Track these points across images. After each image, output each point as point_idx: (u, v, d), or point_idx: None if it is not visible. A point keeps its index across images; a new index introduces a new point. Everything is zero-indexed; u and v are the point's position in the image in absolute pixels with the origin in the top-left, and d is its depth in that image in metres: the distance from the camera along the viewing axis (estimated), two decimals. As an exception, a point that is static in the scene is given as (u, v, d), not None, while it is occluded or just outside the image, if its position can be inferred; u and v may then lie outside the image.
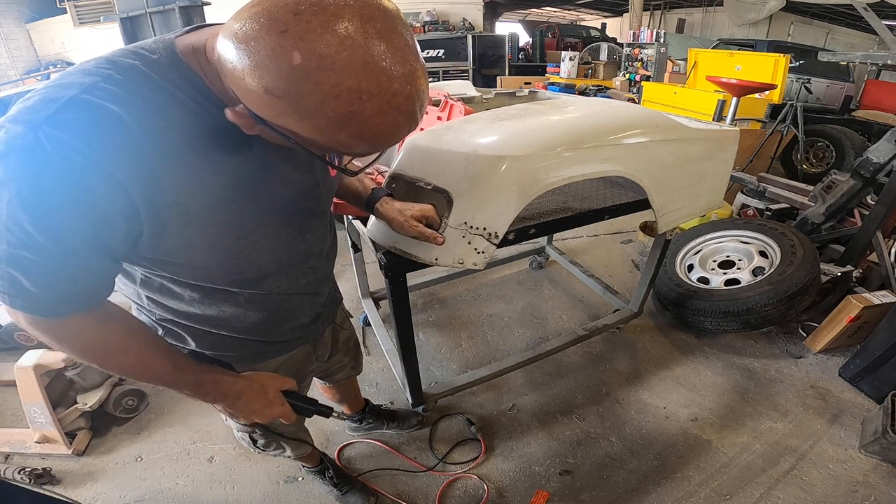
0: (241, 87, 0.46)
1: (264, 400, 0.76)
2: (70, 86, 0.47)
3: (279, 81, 0.43)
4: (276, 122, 0.48)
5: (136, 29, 1.79)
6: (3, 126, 0.46)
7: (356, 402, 1.60)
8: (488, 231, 1.06)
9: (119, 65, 0.50)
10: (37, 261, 0.49)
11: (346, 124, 0.46)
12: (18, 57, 8.03)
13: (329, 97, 0.44)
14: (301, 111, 0.45)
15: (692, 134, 1.41)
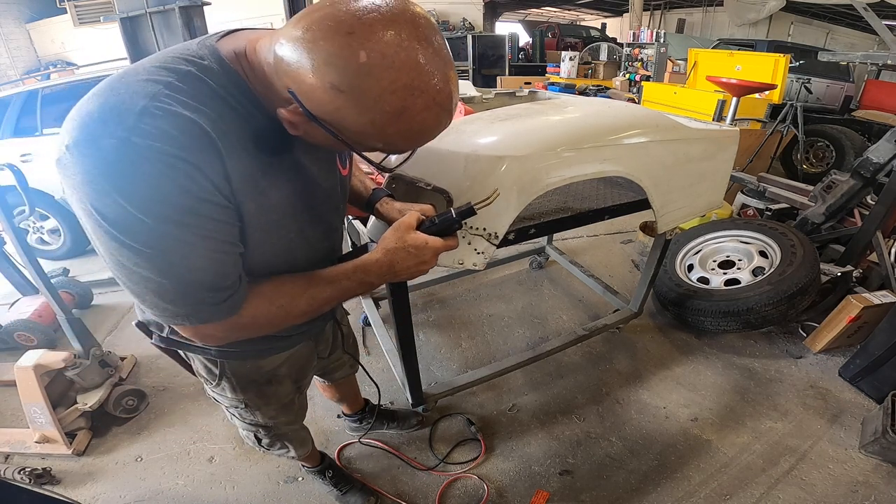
0: (302, 84, 0.49)
1: (411, 254, 0.70)
2: (136, 94, 0.49)
3: (345, 77, 0.47)
4: (330, 118, 0.51)
5: (136, 29, 1.79)
6: (87, 144, 0.47)
7: (356, 402, 1.60)
8: (488, 231, 1.06)
9: (177, 71, 0.52)
10: (202, 271, 0.55)
11: (398, 118, 0.51)
12: (18, 57, 8.03)
13: (387, 92, 0.48)
14: (361, 105, 0.49)
15: (692, 134, 1.41)
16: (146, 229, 0.49)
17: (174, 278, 0.54)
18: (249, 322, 0.63)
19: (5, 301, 2.39)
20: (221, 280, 0.57)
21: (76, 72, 4.85)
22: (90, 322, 2.12)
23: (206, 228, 0.53)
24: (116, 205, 0.48)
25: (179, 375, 2.00)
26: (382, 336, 1.93)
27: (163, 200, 0.49)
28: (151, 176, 0.48)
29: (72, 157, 0.48)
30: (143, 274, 0.52)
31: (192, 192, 0.51)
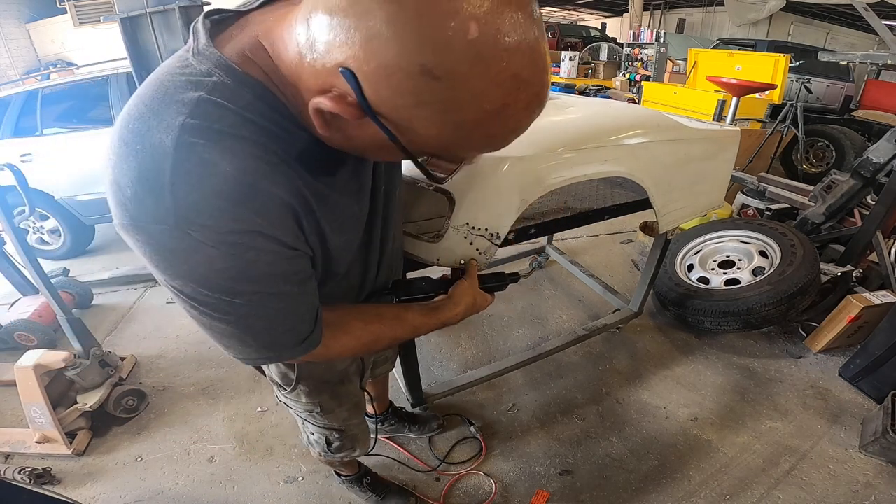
0: (369, 63, 0.35)
1: (477, 306, 0.84)
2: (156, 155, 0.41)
3: (446, 58, 0.34)
4: (396, 115, 0.39)
5: (136, 29, 1.79)
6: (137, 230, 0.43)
7: (382, 403, 1.60)
8: (490, 232, 1.06)
9: (186, 103, 0.41)
10: (283, 326, 0.55)
11: (492, 119, 0.38)
12: (18, 57, 8.03)
13: (493, 84, 0.36)
14: (456, 99, 0.36)
15: (693, 134, 1.41)
16: (222, 304, 0.48)
17: (254, 337, 0.54)
18: (334, 355, 0.65)
19: (5, 301, 2.39)
20: (303, 325, 0.57)
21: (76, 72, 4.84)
22: (90, 322, 2.12)
23: (281, 289, 0.51)
24: (187, 286, 0.47)
25: (179, 375, 2.00)
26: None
27: (234, 278, 0.47)
28: (215, 260, 0.44)
29: (130, 238, 0.45)
30: (224, 333, 0.52)
31: (262, 258, 0.47)
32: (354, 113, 0.39)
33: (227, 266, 0.45)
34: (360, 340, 0.66)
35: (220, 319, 0.50)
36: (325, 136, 0.45)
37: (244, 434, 1.70)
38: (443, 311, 0.78)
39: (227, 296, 0.48)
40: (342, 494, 1.47)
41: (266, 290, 0.50)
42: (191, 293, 0.47)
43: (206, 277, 0.46)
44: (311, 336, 0.58)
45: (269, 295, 0.50)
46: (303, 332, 0.57)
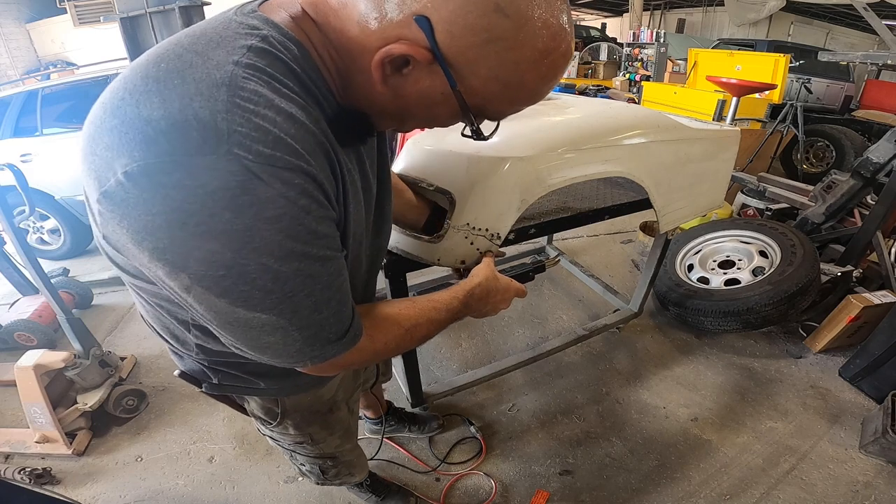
0: (446, 7, 0.40)
1: (500, 289, 0.81)
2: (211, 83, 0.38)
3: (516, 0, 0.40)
4: (462, 60, 0.42)
5: (136, 29, 1.78)
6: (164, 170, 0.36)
7: (380, 407, 1.59)
8: (490, 232, 1.06)
9: (247, 47, 0.41)
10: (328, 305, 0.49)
11: (541, 60, 0.44)
12: (18, 57, 8.03)
13: (544, 27, 0.42)
14: (519, 36, 0.42)
15: (693, 134, 1.41)
16: (265, 275, 0.40)
17: (300, 322, 0.46)
18: (382, 348, 0.60)
19: (5, 301, 2.39)
20: (345, 308, 0.51)
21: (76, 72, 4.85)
22: (90, 322, 2.12)
23: (326, 253, 0.45)
24: (221, 256, 0.38)
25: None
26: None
27: (284, 232, 0.40)
28: (266, 204, 0.38)
29: (137, 190, 0.36)
30: (264, 325, 0.45)
31: (313, 210, 0.42)
32: (425, 56, 0.42)
33: (280, 213, 0.39)
34: (403, 325, 0.62)
35: (260, 303, 0.42)
36: (378, 92, 0.46)
37: (244, 434, 1.70)
38: (464, 284, 0.75)
39: (275, 261, 0.40)
40: (342, 494, 1.47)
41: (315, 252, 0.43)
42: (223, 269, 0.39)
43: (251, 233, 0.38)
44: (353, 323, 0.53)
45: (317, 260, 0.44)
46: (345, 317, 0.51)
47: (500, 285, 0.81)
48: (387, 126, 0.56)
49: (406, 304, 0.66)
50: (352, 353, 0.54)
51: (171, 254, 0.39)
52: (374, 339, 0.58)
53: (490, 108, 0.50)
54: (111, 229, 0.41)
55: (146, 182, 0.36)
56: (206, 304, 0.43)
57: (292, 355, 0.50)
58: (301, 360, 0.51)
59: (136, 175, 0.36)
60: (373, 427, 1.65)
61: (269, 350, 0.49)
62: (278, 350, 0.49)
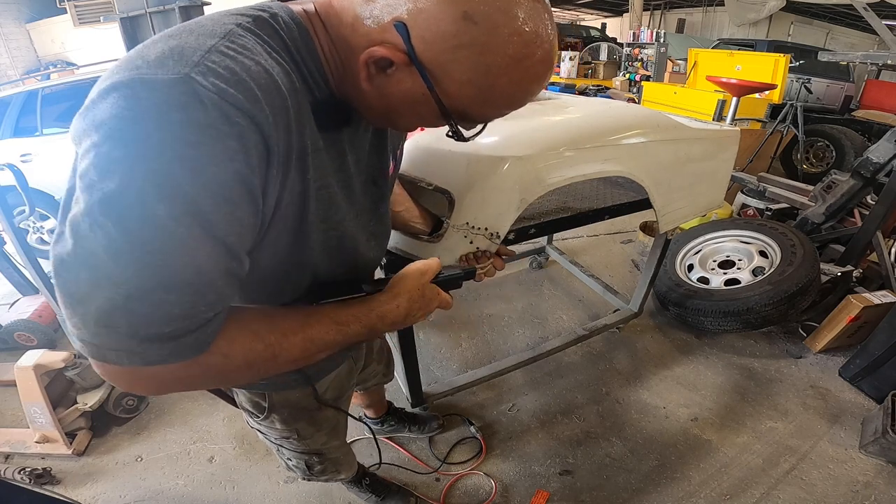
0: (421, 13, 0.43)
1: (424, 302, 0.66)
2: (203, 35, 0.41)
3: (483, 6, 0.43)
4: (437, 62, 0.45)
5: (135, 29, 1.79)
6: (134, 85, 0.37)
7: (380, 406, 1.60)
8: (490, 231, 1.06)
9: (251, 15, 0.46)
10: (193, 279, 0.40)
11: (515, 66, 0.46)
12: (18, 57, 8.04)
13: (515, 34, 0.44)
14: (488, 42, 0.44)
15: (693, 134, 1.41)
16: (140, 207, 0.37)
17: (151, 281, 0.38)
18: (219, 363, 0.46)
19: (5, 301, 2.39)
20: (208, 299, 0.42)
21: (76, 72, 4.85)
22: (90, 322, 2.11)
23: (228, 222, 0.41)
24: (117, 164, 0.36)
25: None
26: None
27: (191, 163, 0.37)
28: (194, 127, 0.37)
29: (106, 99, 0.37)
30: (110, 268, 0.37)
31: (238, 166, 0.40)
32: (401, 58, 0.45)
33: (201, 142, 0.37)
34: (262, 339, 0.50)
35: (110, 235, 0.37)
36: (364, 89, 0.49)
37: (244, 434, 1.70)
38: (376, 304, 0.61)
39: (160, 195, 0.37)
40: (342, 494, 1.47)
41: (209, 211, 0.39)
42: (112, 179, 0.36)
43: (159, 149, 0.36)
44: (205, 327, 0.43)
45: (204, 225, 0.39)
46: (201, 315, 0.42)
47: (425, 300, 0.65)
48: (376, 122, 0.58)
49: (278, 311, 0.55)
50: (188, 365, 0.44)
51: (91, 155, 0.37)
52: (212, 351, 0.45)
53: (471, 111, 0.51)
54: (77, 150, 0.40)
55: (110, 94, 0.38)
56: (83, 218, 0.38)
57: (107, 335, 0.39)
58: (112, 349, 0.40)
59: (106, 90, 0.38)
60: (373, 427, 1.65)
61: (92, 312, 0.38)
62: (86, 315, 0.39)
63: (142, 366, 0.41)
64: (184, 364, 0.43)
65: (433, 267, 0.67)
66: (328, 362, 0.84)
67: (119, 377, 0.43)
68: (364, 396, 1.47)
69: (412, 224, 1.01)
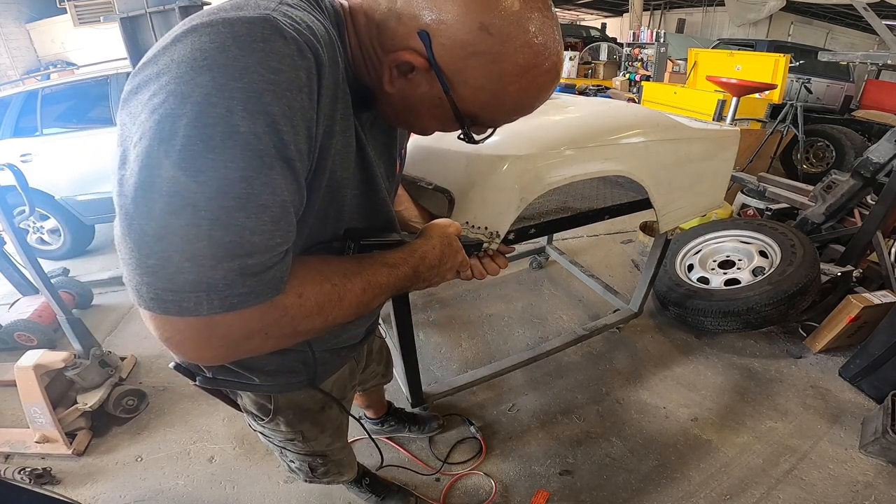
0: (441, 22, 0.47)
1: (452, 251, 0.69)
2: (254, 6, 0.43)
3: (499, 19, 0.46)
4: (454, 68, 0.49)
5: (136, 29, 1.78)
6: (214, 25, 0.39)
7: (380, 407, 1.60)
8: (490, 231, 1.06)
9: None
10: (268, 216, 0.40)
11: (523, 74, 0.50)
12: (18, 57, 8.03)
13: (526, 45, 0.48)
14: (501, 52, 0.48)
15: (693, 134, 1.41)
16: (222, 124, 0.37)
17: (220, 211, 0.37)
18: (294, 305, 0.46)
19: (5, 301, 2.39)
20: (278, 234, 0.42)
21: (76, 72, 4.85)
22: (90, 322, 2.12)
23: (296, 146, 0.42)
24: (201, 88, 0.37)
25: (179, 375, 1.99)
26: (385, 335, 1.93)
27: (273, 87, 0.39)
28: (275, 55, 0.39)
29: (184, 40, 0.39)
30: (175, 195, 0.37)
31: (303, 98, 0.42)
32: (422, 63, 0.49)
33: (281, 68, 0.40)
34: (328, 279, 0.50)
35: (195, 159, 0.37)
36: (387, 91, 0.53)
37: (244, 434, 1.70)
38: (416, 245, 0.64)
39: (244, 113, 0.37)
40: (342, 494, 1.47)
41: (283, 130, 0.40)
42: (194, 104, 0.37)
43: (245, 72, 0.38)
44: (279, 265, 0.43)
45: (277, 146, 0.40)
46: (274, 246, 0.42)
47: (453, 249, 0.69)
48: (393, 121, 0.62)
49: (332, 257, 0.56)
50: (266, 308, 0.43)
51: (161, 94, 0.38)
52: (287, 292, 0.45)
53: (482, 116, 0.55)
54: (127, 100, 0.41)
55: (187, 34, 0.40)
56: (143, 155, 0.37)
57: (183, 268, 0.38)
58: (196, 291, 0.38)
59: (182, 32, 0.40)
60: (373, 427, 1.65)
61: (159, 244, 0.37)
62: (168, 248, 0.37)
63: (221, 312, 0.40)
64: (261, 308, 0.43)
65: (455, 223, 0.73)
66: (333, 362, 0.84)
67: (189, 333, 0.41)
68: (364, 397, 1.48)
69: (412, 224, 1.01)
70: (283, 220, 0.42)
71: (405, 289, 0.62)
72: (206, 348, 0.42)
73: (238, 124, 0.38)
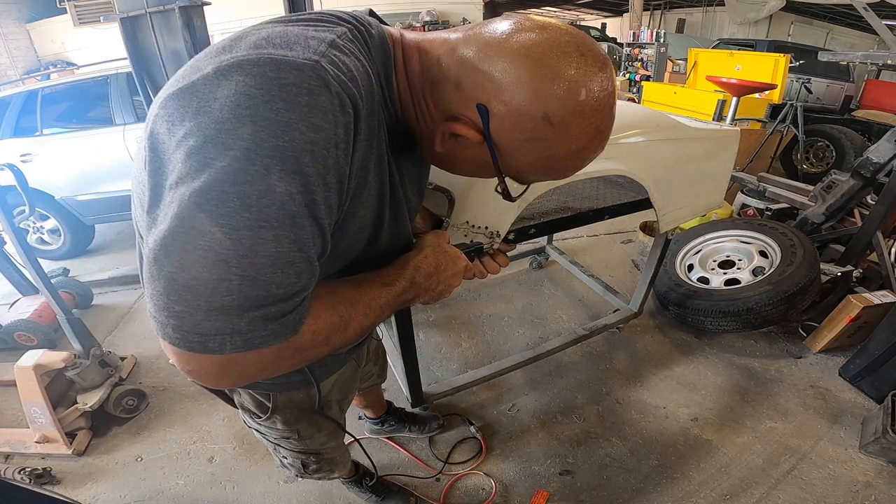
0: (504, 105, 0.47)
1: (449, 259, 0.69)
2: (320, 30, 0.45)
3: (562, 111, 0.46)
4: (506, 144, 0.50)
5: (136, 29, 1.78)
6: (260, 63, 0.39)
7: (379, 406, 1.60)
8: (490, 230, 1.06)
9: (352, 23, 0.49)
10: (288, 267, 0.41)
11: (573, 155, 0.51)
12: (18, 57, 8.03)
13: (582, 132, 0.48)
14: (558, 139, 0.48)
15: (693, 134, 1.41)
16: (259, 182, 0.37)
17: (249, 264, 0.38)
18: (307, 341, 0.48)
19: (5, 301, 2.39)
20: (299, 283, 0.43)
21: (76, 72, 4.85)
22: (90, 322, 2.12)
23: (326, 204, 0.43)
24: (242, 142, 0.37)
25: (179, 375, 2.00)
26: (382, 336, 1.93)
27: (310, 145, 0.39)
28: (318, 111, 0.39)
29: (216, 78, 0.38)
30: (210, 248, 0.37)
31: (339, 154, 0.42)
32: (478, 136, 0.50)
33: (322, 126, 0.39)
34: (336, 310, 0.51)
35: (228, 215, 0.37)
36: (438, 149, 0.54)
37: (244, 434, 1.70)
38: (406, 257, 0.64)
39: (280, 172, 0.38)
40: (342, 494, 1.47)
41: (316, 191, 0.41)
42: (232, 158, 0.37)
43: (286, 129, 0.38)
44: (298, 309, 0.45)
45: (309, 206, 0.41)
46: (296, 295, 0.43)
47: (449, 256, 0.69)
48: (434, 163, 0.64)
49: (336, 283, 0.56)
50: (284, 346, 0.45)
51: (199, 137, 0.38)
52: (314, 332, 0.48)
53: (523, 179, 0.59)
54: (159, 127, 0.40)
55: (232, 69, 0.39)
56: (179, 203, 0.38)
57: (211, 316, 0.39)
58: (219, 335, 0.40)
59: (227, 66, 0.39)
60: (373, 427, 1.65)
61: (189, 293, 0.38)
62: (198, 298, 0.38)
63: (243, 351, 0.42)
64: (279, 347, 0.44)
65: (443, 231, 0.74)
66: (332, 363, 0.84)
67: (211, 368, 0.42)
68: (361, 397, 1.48)
69: (413, 224, 1.01)
70: (305, 272, 0.43)
71: (407, 302, 0.63)
72: (224, 380, 0.45)
73: (275, 184, 0.38)
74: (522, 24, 0.47)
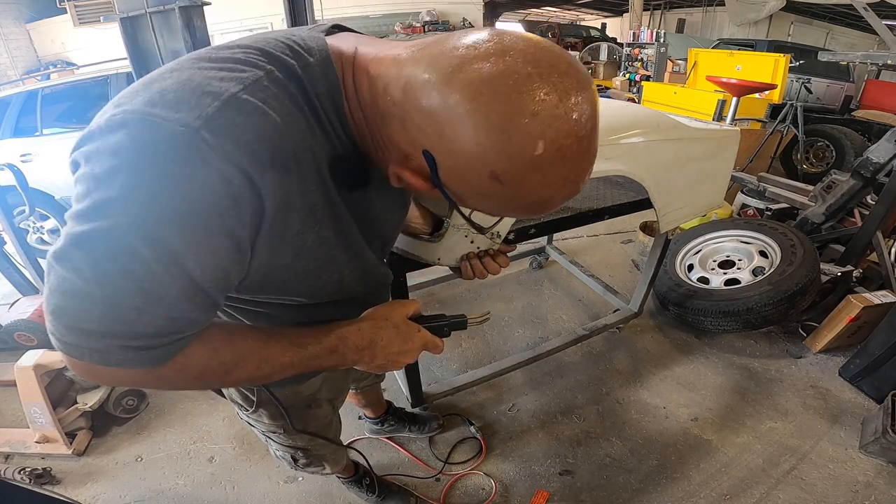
0: (449, 156, 0.41)
1: (399, 335, 0.64)
2: (229, 78, 0.40)
3: (512, 169, 0.39)
4: (465, 195, 0.46)
5: (136, 29, 1.79)
6: (141, 124, 0.37)
7: (379, 406, 1.60)
8: (490, 231, 1.06)
9: (279, 62, 0.43)
10: (170, 311, 0.41)
11: (536, 206, 0.45)
12: (18, 57, 8.03)
13: (543, 186, 0.42)
14: (513, 196, 0.43)
15: (693, 134, 1.41)
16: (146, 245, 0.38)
17: (128, 302, 0.39)
18: (173, 375, 0.48)
19: (5, 301, 2.39)
20: (178, 325, 0.44)
21: (76, 72, 4.85)
22: (90, 322, 2.12)
23: (211, 271, 0.42)
24: (131, 202, 0.37)
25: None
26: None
27: (187, 220, 0.38)
28: (197, 184, 0.37)
29: (115, 133, 0.37)
30: (91, 288, 0.39)
31: (229, 222, 0.40)
32: (427, 185, 0.46)
33: (194, 206, 0.38)
34: (217, 356, 0.50)
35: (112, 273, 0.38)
36: (395, 185, 0.49)
37: (244, 434, 1.70)
38: (335, 325, 0.60)
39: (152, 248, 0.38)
40: (342, 494, 1.47)
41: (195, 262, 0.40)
42: (108, 226, 0.37)
43: (155, 207, 0.37)
44: (170, 346, 0.45)
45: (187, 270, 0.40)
46: (169, 337, 0.44)
47: (399, 332, 0.63)
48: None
49: (242, 331, 0.55)
50: (143, 372, 0.45)
51: (83, 186, 0.39)
52: (167, 364, 0.47)
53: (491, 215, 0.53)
54: (77, 155, 0.41)
55: (119, 130, 0.38)
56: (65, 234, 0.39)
57: (73, 331, 0.41)
58: (76, 347, 0.41)
59: (116, 123, 0.38)
60: (373, 427, 1.65)
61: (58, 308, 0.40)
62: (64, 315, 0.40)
63: (102, 365, 0.43)
64: (138, 371, 0.45)
65: (411, 303, 0.68)
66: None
67: (79, 370, 0.45)
68: (360, 396, 1.47)
69: (412, 224, 1.01)
70: (182, 319, 0.43)
71: (323, 367, 0.60)
72: (92, 379, 0.46)
73: (140, 249, 0.38)
74: (477, 49, 0.38)
